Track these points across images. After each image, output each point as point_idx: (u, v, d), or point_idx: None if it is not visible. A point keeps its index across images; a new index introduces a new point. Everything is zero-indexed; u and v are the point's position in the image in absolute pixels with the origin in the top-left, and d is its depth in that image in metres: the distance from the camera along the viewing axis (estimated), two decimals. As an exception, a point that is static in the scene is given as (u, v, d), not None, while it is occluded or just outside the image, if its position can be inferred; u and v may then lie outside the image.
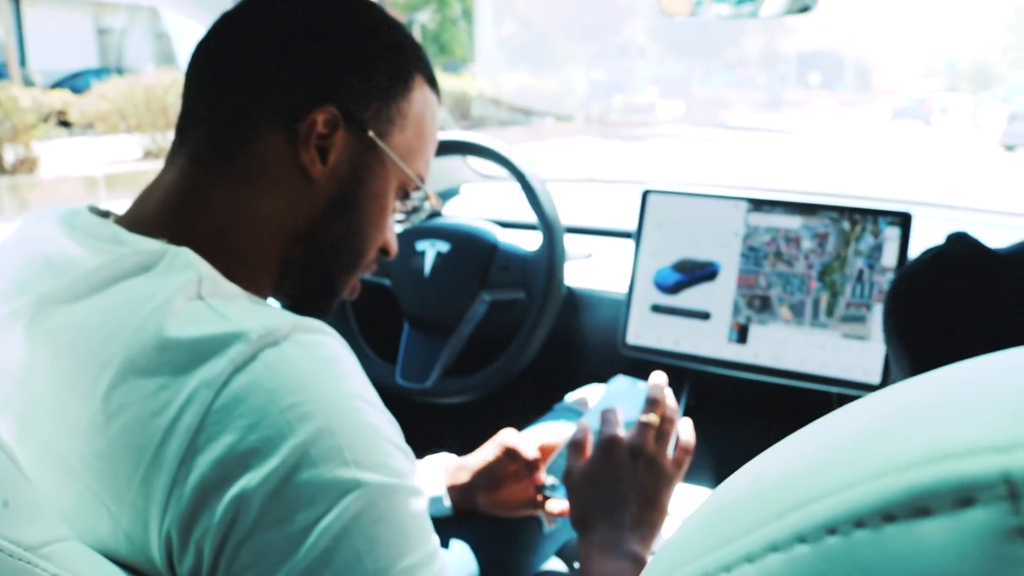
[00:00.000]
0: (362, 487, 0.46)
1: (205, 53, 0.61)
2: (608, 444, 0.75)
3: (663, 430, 0.76)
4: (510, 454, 0.86)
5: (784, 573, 0.15)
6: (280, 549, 0.44)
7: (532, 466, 0.86)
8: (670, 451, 0.76)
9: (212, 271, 0.52)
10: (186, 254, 0.52)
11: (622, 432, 0.76)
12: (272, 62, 0.59)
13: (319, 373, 0.48)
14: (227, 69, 0.59)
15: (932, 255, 0.58)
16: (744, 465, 0.20)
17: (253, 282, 0.59)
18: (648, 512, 0.72)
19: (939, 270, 0.57)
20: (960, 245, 0.57)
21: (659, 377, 0.81)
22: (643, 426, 0.75)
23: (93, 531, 0.47)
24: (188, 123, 0.60)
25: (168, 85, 7.22)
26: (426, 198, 0.70)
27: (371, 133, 0.61)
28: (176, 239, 0.54)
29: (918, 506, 0.14)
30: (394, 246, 0.70)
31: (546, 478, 0.85)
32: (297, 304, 0.67)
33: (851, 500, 0.15)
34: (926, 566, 0.13)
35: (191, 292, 0.50)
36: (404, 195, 0.67)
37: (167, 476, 0.44)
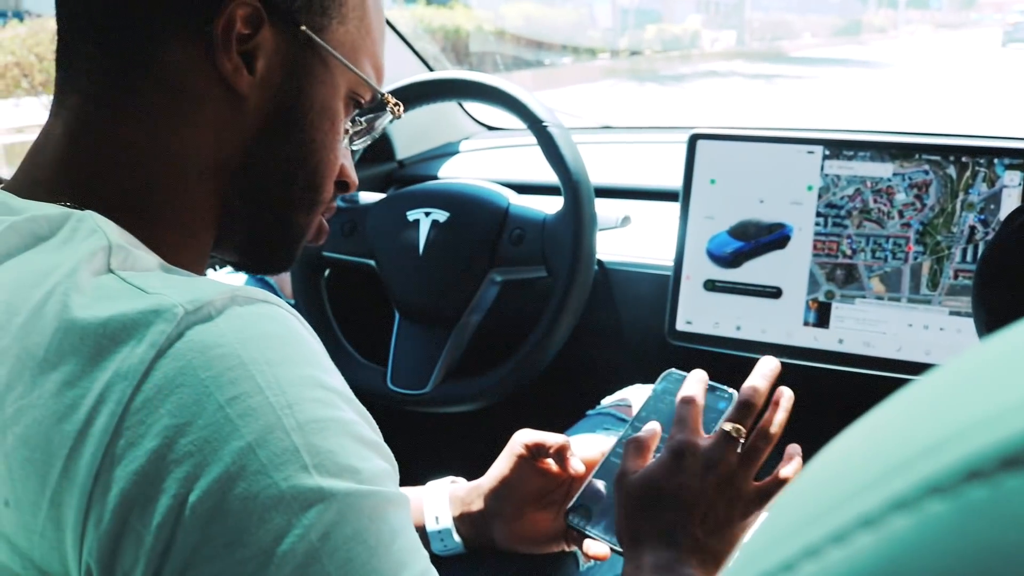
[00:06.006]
0: (328, 499, 0.46)
1: None
2: (680, 449, 0.75)
3: (755, 446, 0.76)
4: (532, 453, 0.86)
5: (914, 539, 0.14)
6: None
7: (560, 457, 0.85)
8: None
9: (125, 237, 0.52)
10: (92, 218, 0.52)
11: (701, 440, 0.76)
12: None
13: (266, 355, 0.47)
14: None
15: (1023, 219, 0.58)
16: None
17: (187, 240, 0.60)
18: (714, 538, 0.72)
19: None
20: None
21: (767, 365, 0.81)
22: (725, 436, 0.75)
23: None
24: (71, 49, 0.59)
25: (82, 30, 7.20)
26: (384, 103, 0.71)
27: (304, 27, 0.61)
28: (82, 199, 0.54)
29: None
30: (353, 175, 0.71)
31: (589, 487, 0.84)
32: (249, 260, 0.68)
33: (996, 436, 0.13)
34: None
35: (99, 264, 0.49)
36: (356, 106, 0.68)
37: (80, 496, 0.44)
